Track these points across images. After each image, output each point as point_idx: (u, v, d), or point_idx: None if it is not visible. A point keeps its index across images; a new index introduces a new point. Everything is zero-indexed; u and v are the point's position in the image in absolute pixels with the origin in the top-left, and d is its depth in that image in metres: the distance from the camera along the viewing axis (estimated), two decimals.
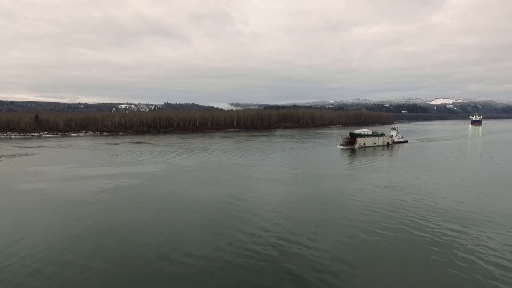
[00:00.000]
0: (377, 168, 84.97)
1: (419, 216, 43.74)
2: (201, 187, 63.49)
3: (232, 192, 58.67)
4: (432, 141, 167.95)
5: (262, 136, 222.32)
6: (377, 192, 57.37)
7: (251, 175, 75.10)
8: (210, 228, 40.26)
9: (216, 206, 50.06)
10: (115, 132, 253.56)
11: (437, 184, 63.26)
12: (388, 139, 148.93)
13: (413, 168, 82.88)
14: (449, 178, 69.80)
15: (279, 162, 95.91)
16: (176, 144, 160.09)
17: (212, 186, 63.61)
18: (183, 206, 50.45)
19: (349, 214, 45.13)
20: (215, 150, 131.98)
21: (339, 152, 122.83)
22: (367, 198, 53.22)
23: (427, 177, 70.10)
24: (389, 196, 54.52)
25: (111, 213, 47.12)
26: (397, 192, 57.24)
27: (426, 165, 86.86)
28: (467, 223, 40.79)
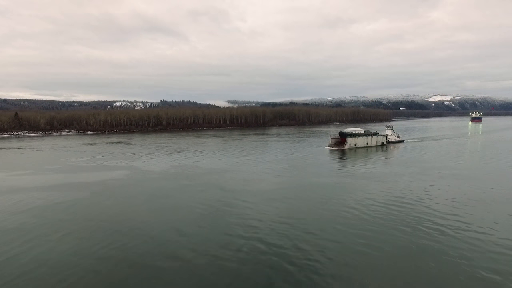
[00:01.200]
0: (372, 174, 71.21)
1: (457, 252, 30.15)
2: (155, 203, 49.80)
3: (191, 215, 45.04)
4: (432, 140, 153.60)
5: (254, 135, 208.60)
6: (378, 212, 43.74)
7: (225, 186, 61.41)
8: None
9: (160, 237, 36.43)
10: (100, 131, 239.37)
11: (452, 200, 49.67)
12: (382, 138, 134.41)
13: (417, 174, 69.27)
14: (464, 188, 56.26)
15: (262, 167, 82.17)
16: (157, 144, 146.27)
17: (167, 205, 49.90)
18: (116, 237, 36.76)
19: (339, 251, 31.57)
20: (197, 151, 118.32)
21: (327, 154, 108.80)
22: (364, 222, 39.64)
23: (438, 186, 56.57)
24: (397, 217, 40.92)
25: None
26: (405, 209, 43.70)
27: (430, 170, 73.27)
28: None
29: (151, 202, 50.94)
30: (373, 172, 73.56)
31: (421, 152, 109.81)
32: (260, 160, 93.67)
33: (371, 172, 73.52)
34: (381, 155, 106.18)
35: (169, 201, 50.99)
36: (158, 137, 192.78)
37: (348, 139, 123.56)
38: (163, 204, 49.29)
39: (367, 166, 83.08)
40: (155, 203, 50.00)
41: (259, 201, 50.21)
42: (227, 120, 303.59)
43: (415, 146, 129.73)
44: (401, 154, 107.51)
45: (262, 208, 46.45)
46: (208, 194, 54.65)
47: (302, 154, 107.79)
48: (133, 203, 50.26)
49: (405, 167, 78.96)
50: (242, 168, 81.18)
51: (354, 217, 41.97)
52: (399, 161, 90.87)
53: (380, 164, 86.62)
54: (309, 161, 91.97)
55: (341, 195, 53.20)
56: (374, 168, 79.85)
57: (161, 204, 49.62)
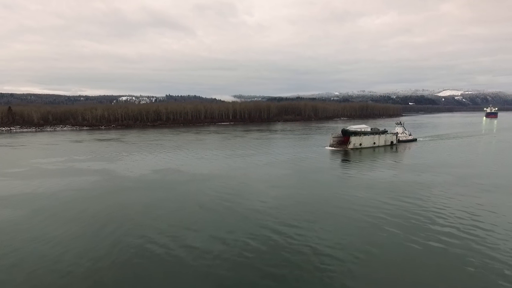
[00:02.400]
0: (386, 185, 56.76)
1: None
2: (100, 236, 36.44)
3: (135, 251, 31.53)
4: (449, 139, 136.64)
5: (256, 131, 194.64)
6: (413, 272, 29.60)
7: (203, 201, 47.94)
8: None
9: None
10: (96, 126, 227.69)
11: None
12: (391, 137, 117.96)
13: (450, 185, 54.60)
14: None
15: (254, 174, 68.44)
16: (149, 142, 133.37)
17: (112, 232, 36.49)
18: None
19: None
20: (190, 150, 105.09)
21: (328, 156, 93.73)
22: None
23: (491, 207, 42.05)
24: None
25: None
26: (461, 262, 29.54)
27: (465, 180, 58.46)
28: None
29: (95, 234, 37.55)
30: (386, 181, 58.95)
31: (441, 153, 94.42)
32: (256, 163, 79.79)
33: (383, 182, 58.93)
34: (392, 157, 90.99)
35: (118, 230, 37.53)
36: (154, 133, 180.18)
37: (352, 138, 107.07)
38: (108, 236, 35.84)
39: (376, 172, 68.27)
40: (99, 236, 36.59)
41: (241, 228, 36.48)
42: (230, 115, 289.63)
43: (430, 146, 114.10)
44: (417, 155, 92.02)
45: (243, 243, 32.70)
46: (170, 219, 41.09)
47: (300, 155, 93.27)
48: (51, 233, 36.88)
49: (430, 174, 64.12)
50: (233, 173, 67.49)
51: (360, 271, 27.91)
52: (418, 165, 75.65)
53: (394, 170, 71.50)
54: (306, 165, 77.46)
55: (339, 226, 39.10)
56: (387, 175, 65.17)
57: (107, 235, 36.16)
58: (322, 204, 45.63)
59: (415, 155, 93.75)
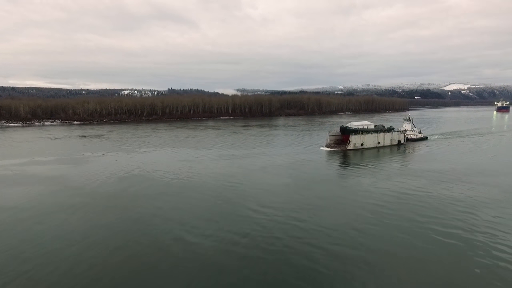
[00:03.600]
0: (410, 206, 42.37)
1: None
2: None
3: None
4: (463, 138, 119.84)
5: (255, 127, 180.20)
6: None
7: (161, 227, 34.15)
8: None
9: None
10: (87, 121, 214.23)
11: None
12: (399, 136, 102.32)
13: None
14: None
15: (230, 183, 54.42)
16: (136, 139, 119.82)
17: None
18: None
19: None
20: (176, 149, 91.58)
21: (323, 159, 78.75)
22: None
23: None
24: None
25: None
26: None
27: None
28: None
29: None
30: (400, 200, 44.50)
31: (460, 155, 79.32)
32: (245, 167, 65.78)
33: (395, 202, 44.45)
34: (401, 161, 75.86)
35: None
36: (145, 129, 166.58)
37: (352, 137, 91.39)
38: None
39: (383, 183, 53.60)
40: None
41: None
42: (230, 109, 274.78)
43: (444, 146, 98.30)
44: (433, 158, 76.52)
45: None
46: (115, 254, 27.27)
47: (294, 158, 78.82)
48: None
49: (464, 186, 49.51)
50: (214, 184, 53.54)
51: None
52: (442, 173, 60.92)
53: (407, 179, 56.69)
54: (297, 174, 62.93)
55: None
56: (400, 187, 50.57)
57: None
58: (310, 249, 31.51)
59: (430, 157, 78.41)
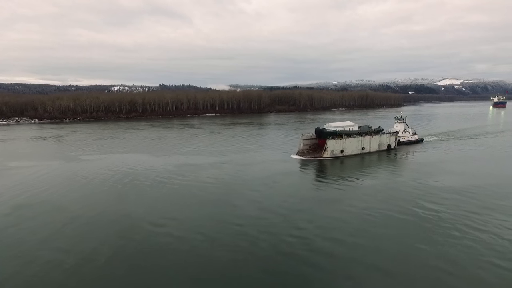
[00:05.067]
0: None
1: None
2: None
3: None
4: (463, 139, 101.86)
5: (239, 125, 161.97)
6: None
7: None
8: None
9: None
10: (59, 119, 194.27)
11: None
12: (388, 139, 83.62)
13: None
14: None
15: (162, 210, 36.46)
16: (94, 141, 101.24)
17: None
18: None
19: None
20: (128, 155, 73.40)
21: (290, 171, 60.37)
22: None
23: None
24: None
25: None
26: None
27: None
28: None
29: None
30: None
31: (476, 163, 61.97)
32: (173, 194, 47.84)
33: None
34: (397, 174, 57.78)
35: None
36: (116, 128, 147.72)
37: (330, 142, 72.41)
38: None
39: (361, 218, 36.12)
40: None
41: None
42: (216, 105, 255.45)
43: (447, 150, 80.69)
44: (440, 170, 58.65)
45: None
46: None
47: (251, 169, 60.98)
48: None
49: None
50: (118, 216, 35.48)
51: None
52: (470, 196, 43.38)
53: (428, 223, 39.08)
54: (251, 195, 45.31)
55: None
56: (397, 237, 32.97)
57: None
58: None
59: (434, 168, 60.20)
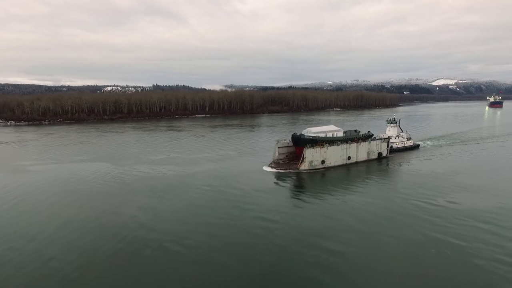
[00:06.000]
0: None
1: None
2: None
3: None
4: (469, 144, 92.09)
5: (227, 128, 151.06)
6: None
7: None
8: None
9: None
10: (38, 121, 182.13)
11: None
12: (379, 146, 72.92)
13: None
14: None
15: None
16: (61, 146, 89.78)
17: None
18: None
19: None
20: (95, 165, 62.26)
21: (258, 189, 49.76)
22: None
23: None
24: None
25: None
26: None
27: None
28: None
29: None
30: None
31: (491, 174, 51.63)
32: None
33: None
34: (394, 195, 47.28)
35: None
36: (95, 131, 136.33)
37: (308, 151, 61.51)
38: None
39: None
40: None
41: None
42: (207, 106, 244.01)
43: (450, 159, 70.62)
44: (453, 186, 48.70)
45: None
46: None
47: (205, 190, 50.21)
48: None
49: None
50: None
51: None
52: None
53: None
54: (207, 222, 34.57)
55: None
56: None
57: None
58: None
59: (435, 183, 50.26)
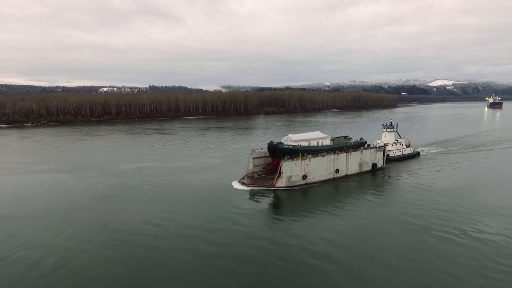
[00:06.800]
0: None
1: None
2: None
3: None
4: (478, 151, 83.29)
5: (219, 130, 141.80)
6: None
7: None
8: None
9: None
10: (20, 123, 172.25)
11: None
12: (373, 155, 62.54)
13: None
14: None
15: None
16: (25, 154, 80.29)
17: None
18: None
19: None
20: (52, 176, 52.94)
21: (227, 212, 41.02)
22: None
23: None
24: None
25: None
26: None
27: None
28: None
29: None
30: None
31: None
32: None
33: None
34: (397, 219, 38.79)
35: None
36: (73, 134, 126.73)
37: (286, 164, 50.54)
38: None
39: None
40: None
41: None
42: (199, 107, 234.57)
43: (461, 170, 61.71)
44: (469, 209, 40.03)
45: None
46: None
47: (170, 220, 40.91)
48: None
49: None
50: None
51: None
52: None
53: None
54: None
55: None
56: None
57: None
58: None
59: (450, 204, 41.46)
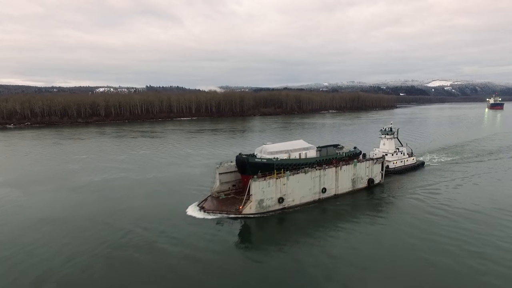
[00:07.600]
0: None
1: None
2: None
3: None
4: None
5: (210, 132, 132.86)
6: None
7: None
8: None
9: None
10: (2, 124, 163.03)
11: None
12: (369, 169, 51.97)
13: None
14: None
15: None
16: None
17: None
18: None
19: None
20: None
21: (180, 252, 32.23)
22: None
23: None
24: None
25: None
26: None
27: None
28: None
29: None
30: None
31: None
32: None
33: None
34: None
35: None
36: (52, 137, 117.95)
37: (255, 184, 39.63)
38: None
39: None
40: None
41: None
42: (193, 108, 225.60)
43: (481, 187, 53.12)
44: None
45: None
46: None
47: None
48: None
49: None
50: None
51: None
52: None
53: None
54: None
55: None
56: None
57: None
58: None
59: (466, 231, 34.30)
